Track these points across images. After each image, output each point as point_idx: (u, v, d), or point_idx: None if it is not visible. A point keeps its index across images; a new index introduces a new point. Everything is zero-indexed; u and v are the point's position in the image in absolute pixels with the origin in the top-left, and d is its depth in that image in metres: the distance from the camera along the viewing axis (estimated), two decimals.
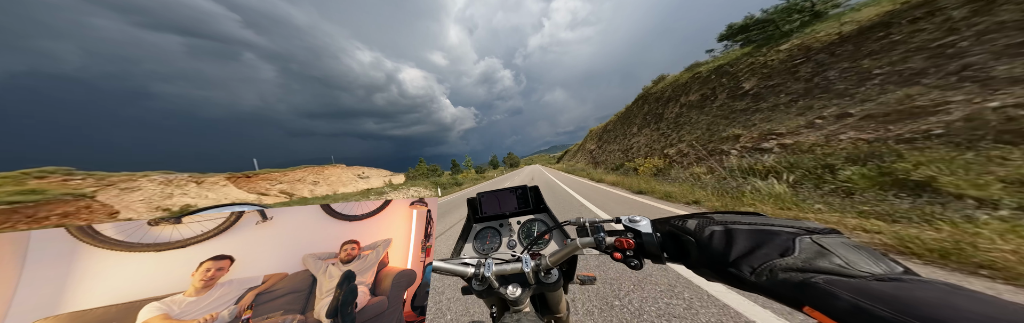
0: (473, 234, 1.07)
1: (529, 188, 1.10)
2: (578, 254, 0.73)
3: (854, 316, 0.25)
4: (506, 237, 1.03)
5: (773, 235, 0.37)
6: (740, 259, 0.36)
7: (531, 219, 1.08)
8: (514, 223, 1.07)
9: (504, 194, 1.10)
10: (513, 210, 1.08)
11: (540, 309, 0.88)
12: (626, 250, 0.55)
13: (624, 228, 0.58)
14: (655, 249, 0.52)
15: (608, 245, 0.58)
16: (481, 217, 1.09)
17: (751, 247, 0.36)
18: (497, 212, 1.08)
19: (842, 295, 0.27)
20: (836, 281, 0.28)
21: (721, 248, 0.38)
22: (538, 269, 0.69)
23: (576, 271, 0.93)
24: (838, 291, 0.27)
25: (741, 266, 0.35)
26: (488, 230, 1.07)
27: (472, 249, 1.02)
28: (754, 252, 0.36)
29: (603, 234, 0.60)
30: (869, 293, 0.26)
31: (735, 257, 0.36)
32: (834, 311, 0.27)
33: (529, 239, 1.01)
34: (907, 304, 0.23)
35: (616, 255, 0.56)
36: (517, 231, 1.05)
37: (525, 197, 1.09)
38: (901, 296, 0.24)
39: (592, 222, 0.71)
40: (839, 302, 0.26)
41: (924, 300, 0.23)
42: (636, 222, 0.57)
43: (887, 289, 0.26)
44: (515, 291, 0.68)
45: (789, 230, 0.37)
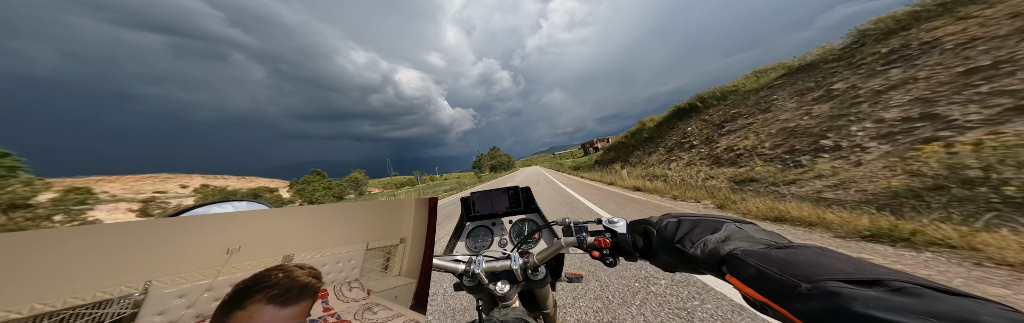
0: (466, 232, 1.09)
1: (521, 189, 1.13)
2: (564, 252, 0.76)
3: (755, 278, 0.32)
4: (498, 236, 1.06)
5: (709, 221, 0.47)
6: (684, 238, 0.45)
7: (522, 219, 1.11)
8: (506, 222, 1.10)
9: (497, 194, 1.13)
10: (505, 210, 1.11)
11: (528, 305, 0.90)
12: (603, 249, 0.59)
13: (604, 229, 0.61)
14: (628, 247, 0.55)
15: (588, 244, 0.61)
16: (474, 216, 1.12)
17: (691, 228, 0.46)
18: (490, 211, 1.11)
19: (750, 262, 0.34)
20: (747, 250, 0.36)
21: (672, 232, 0.48)
22: (526, 266, 0.72)
23: (563, 269, 0.96)
24: (747, 259, 0.34)
25: (684, 242, 0.44)
26: (481, 229, 1.09)
27: (465, 247, 1.04)
28: (692, 231, 0.46)
29: (585, 234, 0.63)
30: (767, 258, 0.33)
31: (680, 237, 0.46)
32: (743, 276, 0.34)
33: (519, 238, 1.04)
34: (791, 264, 0.31)
35: (594, 254, 0.60)
36: (509, 230, 1.08)
37: (517, 197, 1.12)
38: (788, 260, 0.32)
39: (577, 223, 0.73)
40: (748, 268, 0.33)
41: (802, 261, 0.31)
42: (614, 223, 0.60)
43: (779, 255, 0.34)
44: (503, 287, 0.71)
45: (721, 219, 0.48)
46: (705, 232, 0.44)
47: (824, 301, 0.25)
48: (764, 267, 0.32)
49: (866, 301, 0.23)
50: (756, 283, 0.32)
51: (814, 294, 0.26)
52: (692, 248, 0.42)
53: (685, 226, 0.47)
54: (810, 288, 0.26)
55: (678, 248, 0.44)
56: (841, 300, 0.24)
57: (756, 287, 0.32)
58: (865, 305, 0.22)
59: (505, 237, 1.05)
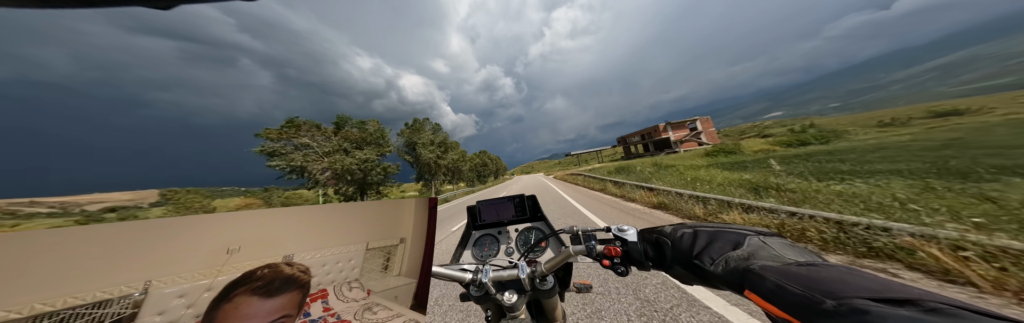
0: (472, 241, 1.08)
1: (527, 197, 1.13)
2: (573, 261, 0.74)
3: (776, 294, 0.31)
4: (504, 244, 1.05)
5: (729, 233, 0.44)
6: (702, 252, 0.43)
7: (528, 227, 1.10)
8: (512, 231, 1.09)
9: (502, 202, 1.13)
10: (511, 218, 1.10)
11: (536, 316, 0.88)
12: (614, 257, 0.58)
13: (613, 236, 0.60)
14: (639, 256, 0.54)
15: (598, 253, 0.60)
16: (480, 224, 1.11)
17: (710, 242, 0.44)
18: (495, 220, 1.11)
19: (769, 277, 0.33)
20: (767, 266, 0.35)
21: (688, 245, 0.45)
22: (534, 276, 0.70)
23: (572, 279, 0.93)
24: (767, 274, 0.33)
25: (702, 258, 0.42)
26: (487, 237, 1.09)
27: (471, 256, 1.04)
28: (712, 245, 0.43)
29: (595, 242, 0.62)
30: (788, 275, 0.32)
31: (698, 251, 0.43)
32: (763, 291, 0.32)
33: (526, 246, 1.02)
34: (814, 281, 0.29)
35: (605, 262, 0.59)
36: (515, 238, 1.07)
37: (523, 206, 1.12)
38: (811, 276, 0.31)
39: (585, 231, 0.72)
40: (767, 283, 0.32)
41: (826, 279, 0.30)
42: (624, 231, 0.59)
43: (802, 272, 0.32)
44: (511, 297, 0.69)
45: (743, 231, 0.44)
46: (726, 247, 0.41)
47: (851, 319, 0.23)
48: (785, 283, 0.31)
49: (897, 321, 0.22)
50: (777, 299, 0.30)
51: (840, 311, 0.25)
52: (712, 266, 0.40)
53: (702, 239, 0.45)
54: (836, 305, 0.25)
55: (697, 264, 0.42)
56: (870, 318, 0.23)
57: (778, 303, 0.30)
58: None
59: (511, 246, 1.04)
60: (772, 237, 0.43)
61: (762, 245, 0.40)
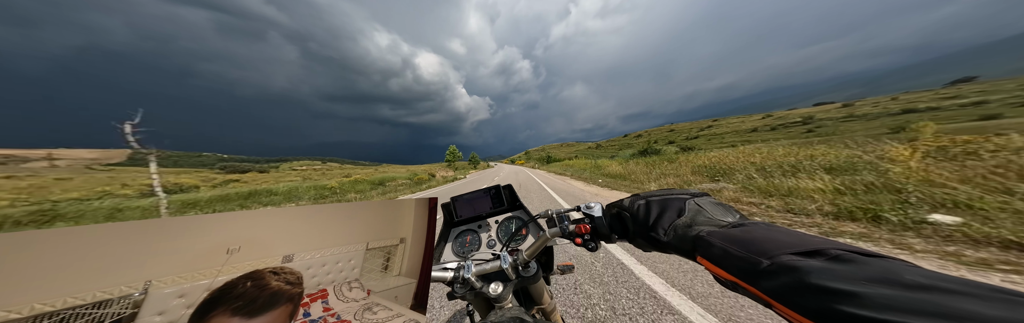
0: (452, 238, 1.06)
1: (502, 187, 1.10)
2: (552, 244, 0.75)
3: (723, 258, 0.33)
4: (485, 238, 1.03)
5: (672, 201, 0.47)
6: (655, 223, 0.45)
7: (508, 217, 1.07)
8: (492, 223, 1.07)
9: (478, 196, 1.10)
10: (489, 210, 1.08)
11: (524, 303, 0.89)
12: (584, 235, 0.59)
13: (583, 214, 0.61)
14: (605, 230, 0.56)
15: (570, 232, 0.61)
16: (458, 221, 1.09)
17: (660, 212, 0.46)
18: (472, 214, 1.08)
19: (715, 242, 0.35)
20: (712, 231, 0.37)
21: (644, 217, 0.48)
22: (516, 264, 0.71)
23: (554, 261, 0.95)
24: (713, 240, 0.35)
25: (657, 229, 0.45)
26: (467, 233, 1.06)
27: (452, 253, 1.02)
28: (662, 216, 0.45)
29: (568, 223, 0.63)
30: (728, 238, 0.34)
31: (652, 222, 0.46)
32: (712, 256, 0.34)
33: (507, 236, 1.01)
34: (749, 242, 0.32)
35: (577, 240, 0.60)
36: (495, 230, 1.04)
37: (499, 196, 1.08)
38: (745, 237, 0.33)
39: (558, 212, 0.72)
40: (714, 248, 0.34)
41: (758, 238, 0.32)
42: (590, 208, 0.60)
43: (737, 233, 0.35)
44: (497, 288, 0.69)
45: (682, 196, 0.48)
46: (673, 215, 0.44)
47: (785, 277, 0.26)
48: (728, 246, 0.33)
49: (819, 273, 0.24)
50: (724, 263, 0.33)
51: (775, 270, 0.27)
52: (665, 236, 0.43)
53: (654, 209, 0.48)
54: (769, 264, 0.28)
55: (652, 235, 0.45)
56: (800, 274, 0.25)
57: (725, 267, 0.33)
58: (820, 276, 0.24)
59: (493, 238, 1.02)
60: (702, 198, 0.47)
61: (698, 209, 0.44)
